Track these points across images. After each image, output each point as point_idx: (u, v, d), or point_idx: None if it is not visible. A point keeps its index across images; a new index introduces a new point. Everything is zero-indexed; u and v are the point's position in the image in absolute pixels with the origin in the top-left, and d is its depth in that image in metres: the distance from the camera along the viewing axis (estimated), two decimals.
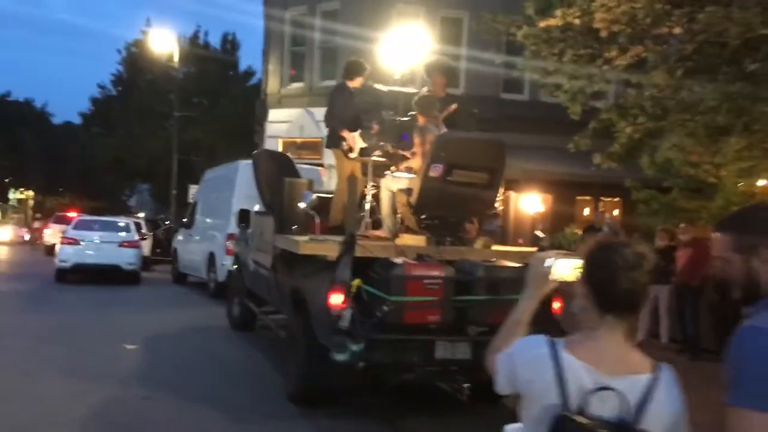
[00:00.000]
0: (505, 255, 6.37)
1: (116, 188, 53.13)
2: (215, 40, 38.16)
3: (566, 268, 2.19)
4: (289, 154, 11.59)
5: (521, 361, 2.05)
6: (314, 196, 6.72)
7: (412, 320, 5.56)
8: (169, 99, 28.47)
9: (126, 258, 16.16)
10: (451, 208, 6.29)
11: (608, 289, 1.98)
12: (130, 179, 43.42)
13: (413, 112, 7.15)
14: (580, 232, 14.46)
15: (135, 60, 35.59)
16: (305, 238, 6.40)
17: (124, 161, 33.53)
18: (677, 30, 7.75)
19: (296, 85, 25.09)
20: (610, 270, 1.98)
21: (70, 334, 9.77)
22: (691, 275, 9.46)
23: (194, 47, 34.83)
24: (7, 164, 49.09)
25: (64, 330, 10.08)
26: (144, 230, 21.80)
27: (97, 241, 16.27)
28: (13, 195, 59.74)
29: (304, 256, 6.25)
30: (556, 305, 6.41)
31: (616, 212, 18.89)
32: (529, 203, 7.04)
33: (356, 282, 5.63)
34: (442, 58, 8.44)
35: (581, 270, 2.05)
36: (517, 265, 5.96)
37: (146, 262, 19.42)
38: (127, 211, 42.23)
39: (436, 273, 5.62)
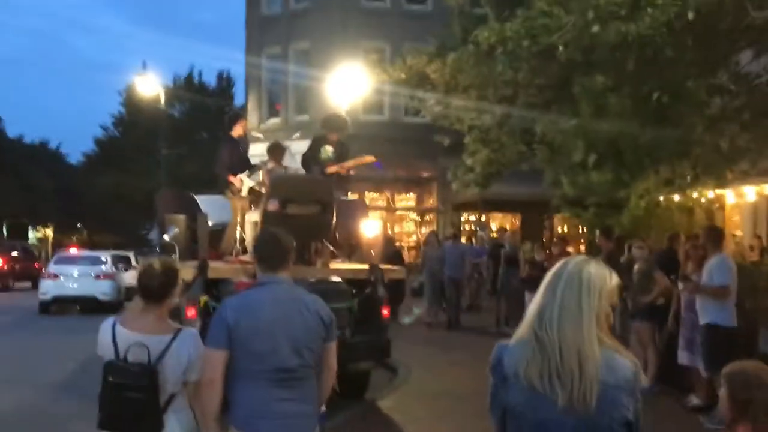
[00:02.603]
0: (338, 272, 7.73)
1: (136, 223, 55.26)
2: (211, 78, 40.14)
3: None
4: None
5: (101, 336, 3.40)
6: (176, 229, 8.14)
7: None
8: (165, 137, 30.30)
9: (101, 289, 17.72)
10: (291, 236, 7.65)
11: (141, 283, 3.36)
12: (135, 214, 45.33)
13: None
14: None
15: (133, 102, 37.66)
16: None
17: (124, 197, 35.39)
18: None
19: (273, 121, 26.85)
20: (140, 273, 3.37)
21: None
22: None
23: (190, 86, 36.82)
24: (23, 205, 51.39)
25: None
26: (134, 262, 23.36)
27: (75, 275, 17.87)
28: (33, 234, 62.23)
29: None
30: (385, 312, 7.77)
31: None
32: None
33: (204, 299, 7.02)
34: (338, 114, 9.65)
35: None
36: (337, 279, 7.34)
37: (131, 292, 20.95)
38: (147, 245, 43.99)
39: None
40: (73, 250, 22.66)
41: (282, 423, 3.24)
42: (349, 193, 10.61)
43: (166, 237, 8.15)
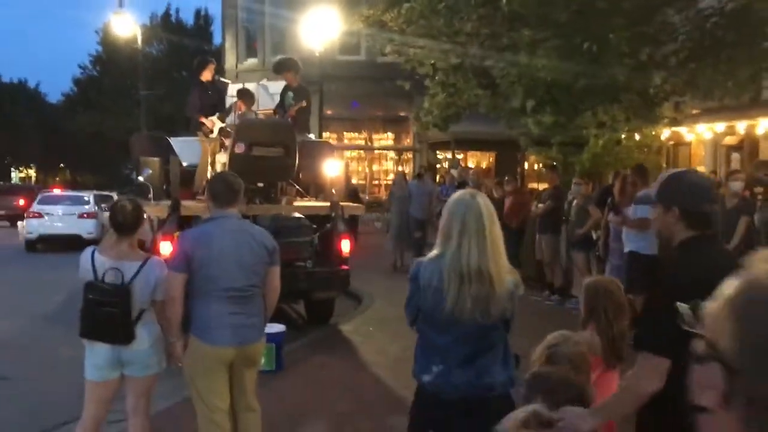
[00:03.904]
0: (300, 209, 8.43)
1: (118, 163, 55.31)
2: (188, 16, 39.83)
3: None
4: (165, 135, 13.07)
5: (81, 262, 4.08)
6: (150, 170, 8.77)
7: None
8: (144, 77, 30.42)
9: (85, 227, 18.34)
10: (257, 176, 8.31)
11: (114, 219, 4.03)
12: (116, 154, 45.51)
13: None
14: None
15: (110, 41, 37.44)
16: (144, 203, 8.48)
17: (104, 136, 35.62)
18: None
19: (251, 61, 27.06)
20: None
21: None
22: (512, 218, 11.43)
23: (167, 25, 36.62)
24: (4, 145, 51.37)
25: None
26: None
27: (60, 214, 18.48)
28: (15, 174, 62.29)
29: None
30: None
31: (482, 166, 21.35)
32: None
33: (176, 234, 7.70)
34: (286, 57, 10.17)
35: None
36: (298, 215, 8.07)
37: None
38: (130, 185, 44.23)
39: None
40: (57, 191, 23.15)
41: (232, 332, 3.97)
42: (312, 135, 11.24)
43: (140, 178, 8.78)
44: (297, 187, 9.13)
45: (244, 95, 9.00)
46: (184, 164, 9.52)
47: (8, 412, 5.78)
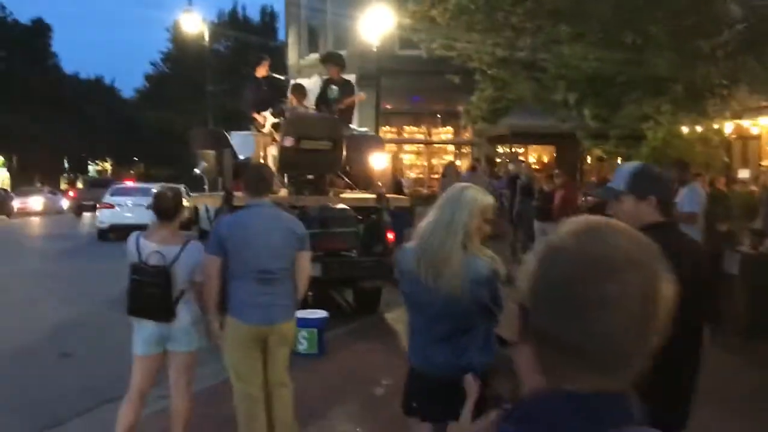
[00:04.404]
0: (347, 200, 8.69)
1: (189, 157, 56.75)
2: (255, 14, 40.72)
3: None
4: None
5: (128, 246, 4.43)
6: (205, 163, 9.18)
7: None
8: (211, 73, 31.33)
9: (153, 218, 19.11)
10: (306, 168, 8.63)
11: (156, 206, 4.36)
12: (183, 147, 46.92)
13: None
14: None
15: (180, 38, 38.66)
16: (197, 194, 8.91)
17: (174, 130, 36.81)
18: None
19: (313, 56, 27.52)
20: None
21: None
22: (562, 212, 11.42)
23: (234, 22, 37.58)
24: (81, 139, 53.68)
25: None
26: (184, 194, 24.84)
27: (130, 204, 19.34)
28: (92, 167, 65.03)
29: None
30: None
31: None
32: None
33: None
34: (333, 52, 10.42)
35: None
36: (344, 207, 8.33)
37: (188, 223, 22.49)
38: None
39: None
40: (129, 183, 24.22)
41: (264, 311, 4.25)
42: (360, 128, 11.49)
43: (196, 170, 9.20)
44: (346, 179, 9.40)
45: (297, 90, 9.32)
46: (241, 157, 9.92)
47: (69, 385, 6.24)
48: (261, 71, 9.97)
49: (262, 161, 9.52)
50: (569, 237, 1.00)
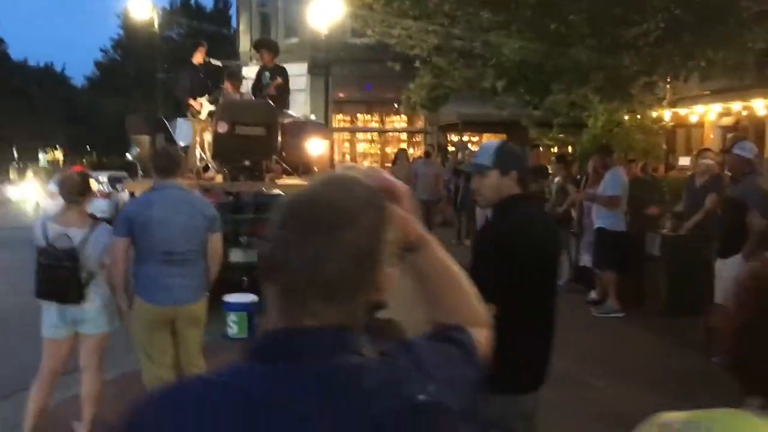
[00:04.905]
0: (284, 186, 8.70)
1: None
2: (208, 1, 40.21)
3: None
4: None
5: (34, 231, 4.40)
6: (138, 149, 9.11)
7: None
8: (164, 61, 30.85)
9: (99, 207, 18.84)
10: (240, 154, 8.61)
11: (62, 189, 4.34)
12: None
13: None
14: None
15: (131, 25, 37.97)
16: (129, 181, 8.84)
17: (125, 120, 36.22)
18: None
19: None
20: None
21: None
22: None
23: (187, 9, 37.05)
24: (31, 127, 52.41)
25: None
26: None
27: None
28: (43, 156, 63.52)
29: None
30: None
31: None
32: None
33: None
34: (265, 38, 10.46)
35: None
36: (278, 192, 8.34)
37: None
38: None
39: (211, 200, 7.98)
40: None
41: (171, 292, 4.27)
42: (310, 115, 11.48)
43: (128, 156, 9.12)
44: (283, 165, 9.41)
45: (232, 77, 9.28)
46: (181, 143, 9.84)
47: None
48: (197, 57, 9.89)
49: (198, 147, 9.50)
50: (315, 186, 1.10)
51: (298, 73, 26.36)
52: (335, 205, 1.06)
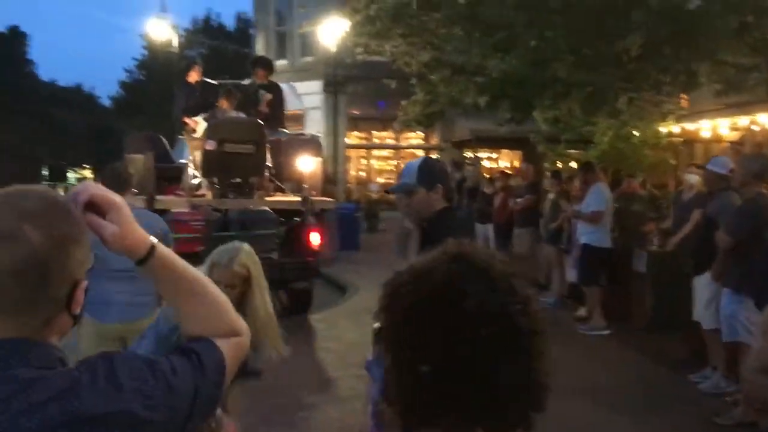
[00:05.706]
0: (273, 203, 8.77)
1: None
2: (230, 20, 40.79)
3: None
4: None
5: None
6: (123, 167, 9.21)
7: (181, 250, 8.02)
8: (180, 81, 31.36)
9: None
10: (229, 171, 8.69)
11: None
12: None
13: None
14: None
15: (154, 45, 38.66)
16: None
17: None
18: None
19: (280, 63, 27.61)
20: None
21: None
22: (501, 214, 11.48)
23: (208, 29, 37.65)
24: (60, 148, 53.46)
25: None
26: None
27: None
28: (72, 175, 64.76)
29: None
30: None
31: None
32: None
33: None
34: (261, 56, 10.63)
35: None
36: (264, 209, 8.42)
37: None
38: None
39: (199, 217, 8.09)
40: None
41: (119, 309, 4.32)
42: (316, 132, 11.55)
43: None
44: (276, 182, 9.48)
45: (227, 94, 9.38)
46: (183, 161, 9.98)
47: None
48: (193, 76, 10.06)
49: (191, 165, 9.61)
50: None
51: (313, 91, 26.68)
52: None
